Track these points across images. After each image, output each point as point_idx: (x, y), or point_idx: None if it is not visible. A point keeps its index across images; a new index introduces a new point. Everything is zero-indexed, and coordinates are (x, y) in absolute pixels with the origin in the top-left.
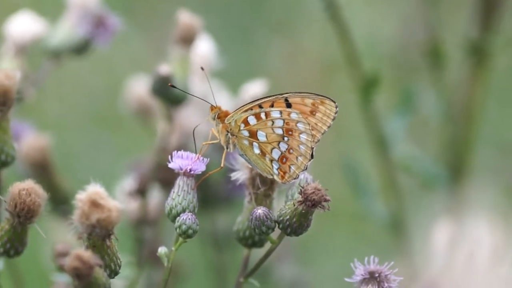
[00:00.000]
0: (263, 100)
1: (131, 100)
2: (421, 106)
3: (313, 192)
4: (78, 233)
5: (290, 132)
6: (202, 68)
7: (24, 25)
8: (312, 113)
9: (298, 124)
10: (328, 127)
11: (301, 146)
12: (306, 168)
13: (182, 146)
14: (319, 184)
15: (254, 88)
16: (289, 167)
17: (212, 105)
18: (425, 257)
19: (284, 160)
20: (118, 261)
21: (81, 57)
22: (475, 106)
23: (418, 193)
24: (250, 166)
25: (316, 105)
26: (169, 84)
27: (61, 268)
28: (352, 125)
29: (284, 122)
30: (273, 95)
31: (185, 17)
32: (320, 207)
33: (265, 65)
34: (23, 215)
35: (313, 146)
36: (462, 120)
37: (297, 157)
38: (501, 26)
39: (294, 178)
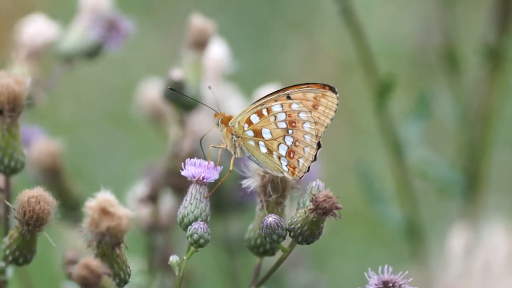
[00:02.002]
0: (266, 99)
1: (144, 104)
2: (437, 110)
3: (324, 200)
4: (87, 241)
5: (294, 124)
6: (209, 87)
7: (36, 29)
8: (314, 107)
9: (300, 114)
10: (331, 119)
11: (306, 136)
12: (315, 159)
13: (194, 152)
14: (330, 191)
15: (268, 91)
16: (298, 161)
17: (215, 112)
18: (441, 264)
19: (292, 154)
20: (128, 270)
21: (93, 61)
22: (492, 110)
23: (433, 198)
24: (262, 174)
25: (317, 98)
26: (168, 87)
27: (70, 276)
28: (367, 124)
29: (286, 114)
30: (275, 93)
31: (198, 21)
32: (331, 215)
33: (282, 64)
34: (32, 223)
35: (318, 136)
36: (479, 125)
37: (303, 149)
38: None
39: (305, 172)
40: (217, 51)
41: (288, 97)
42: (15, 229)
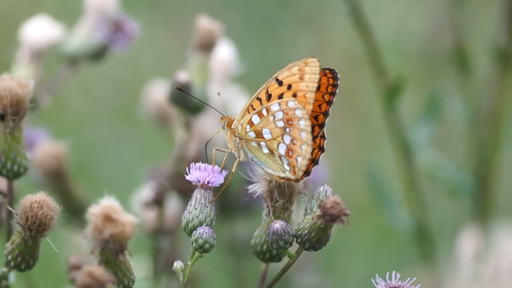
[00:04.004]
0: (258, 91)
1: (150, 106)
2: (447, 111)
3: (332, 206)
4: (91, 248)
5: (290, 122)
6: (219, 94)
7: (40, 30)
8: (301, 78)
9: (296, 111)
10: (318, 82)
11: (302, 134)
12: (317, 162)
13: (201, 155)
14: (338, 197)
15: None
16: (296, 160)
17: (222, 115)
18: (451, 267)
19: (291, 153)
20: (132, 277)
21: (98, 63)
22: (502, 112)
23: (443, 201)
24: (268, 179)
25: (301, 69)
26: (176, 87)
27: (73, 281)
28: (375, 120)
29: (283, 113)
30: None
31: (205, 23)
32: (339, 221)
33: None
34: (35, 229)
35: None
36: (489, 126)
37: (300, 146)
38: None
39: (303, 171)
40: (224, 53)
41: (277, 79)
42: (18, 234)
